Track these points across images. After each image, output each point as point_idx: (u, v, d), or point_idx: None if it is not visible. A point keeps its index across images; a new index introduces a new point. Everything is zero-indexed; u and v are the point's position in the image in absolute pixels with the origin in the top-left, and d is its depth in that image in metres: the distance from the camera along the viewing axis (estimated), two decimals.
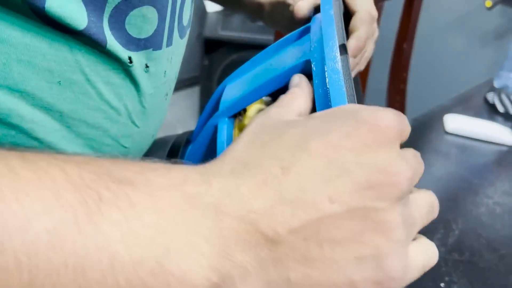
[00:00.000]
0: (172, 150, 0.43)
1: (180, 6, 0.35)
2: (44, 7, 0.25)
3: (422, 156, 0.26)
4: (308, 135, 0.22)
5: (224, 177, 0.21)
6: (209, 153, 0.36)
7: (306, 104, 0.28)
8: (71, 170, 0.19)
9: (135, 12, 0.30)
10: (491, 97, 0.94)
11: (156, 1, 0.31)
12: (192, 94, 2.24)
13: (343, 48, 0.29)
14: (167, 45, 0.35)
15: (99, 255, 0.18)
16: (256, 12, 0.49)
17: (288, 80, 0.32)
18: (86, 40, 0.28)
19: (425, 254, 0.22)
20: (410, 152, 0.24)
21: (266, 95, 0.33)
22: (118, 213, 0.19)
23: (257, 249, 0.20)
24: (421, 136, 0.83)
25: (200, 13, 2.15)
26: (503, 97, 0.91)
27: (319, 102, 0.28)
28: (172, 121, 2.02)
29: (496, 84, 0.96)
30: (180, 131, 0.47)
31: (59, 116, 0.30)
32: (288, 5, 0.45)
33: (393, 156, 0.21)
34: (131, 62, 0.31)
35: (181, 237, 0.19)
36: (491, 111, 0.92)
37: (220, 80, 1.91)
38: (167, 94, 0.39)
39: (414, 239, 0.23)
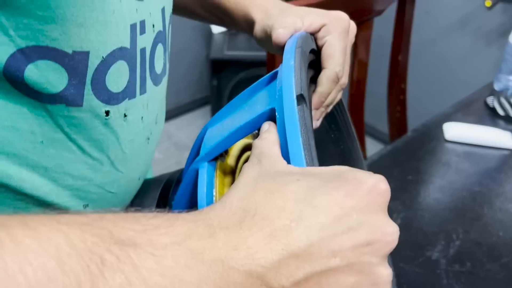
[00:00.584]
0: (164, 189, 0.45)
1: (150, 57, 0.37)
2: (23, 77, 0.28)
3: (423, 166, 0.29)
4: (315, 191, 0.23)
5: (230, 229, 0.22)
6: (194, 197, 0.38)
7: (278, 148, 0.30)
8: (73, 234, 0.19)
9: (111, 69, 0.33)
10: (491, 100, 0.94)
11: (126, 55, 0.34)
12: (205, 114, 2.28)
13: (302, 98, 0.31)
14: (141, 93, 0.37)
15: None
16: (249, 32, 0.51)
17: (259, 125, 0.35)
18: (64, 102, 0.31)
19: None
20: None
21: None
22: (121, 277, 0.19)
23: None
24: (421, 145, 0.84)
25: (206, 35, 2.20)
26: (503, 100, 0.91)
27: (282, 149, 0.30)
28: (187, 141, 2.07)
29: (496, 87, 0.97)
30: None
31: (44, 171, 0.33)
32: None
33: (386, 217, 0.24)
34: (107, 115, 0.34)
35: None
36: (492, 116, 0.93)
37: (230, 98, 1.94)
38: (148, 138, 0.41)
39: None
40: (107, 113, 0.34)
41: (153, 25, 0.36)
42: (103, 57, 0.31)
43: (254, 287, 0.21)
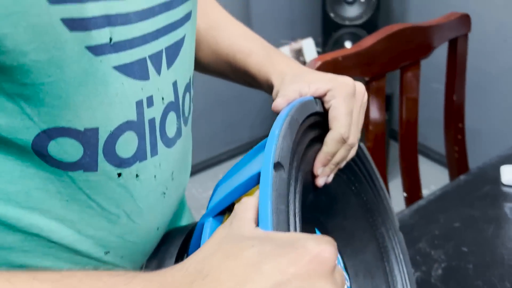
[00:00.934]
0: (187, 238, 0.50)
1: (161, 125, 0.42)
2: (47, 151, 0.35)
3: (473, 213, 0.30)
4: (264, 257, 0.26)
5: None
6: None
7: (256, 212, 0.33)
8: None
9: (120, 139, 0.38)
10: None
11: (133, 126, 0.38)
12: None
13: (280, 165, 0.34)
14: (152, 156, 0.41)
15: None
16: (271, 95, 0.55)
17: (250, 187, 0.38)
18: (81, 169, 0.37)
19: None
20: (339, 275, 0.29)
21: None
22: None
23: None
24: (475, 189, 0.81)
25: None
26: None
27: (259, 213, 0.33)
28: None
29: None
30: None
31: (70, 223, 0.39)
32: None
33: (329, 284, 0.26)
34: (119, 176, 0.39)
35: None
36: None
37: None
38: (164, 193, 0.45)
39: None
40: (119, 175, 0.39)
41: (163, 98, 0.41)
42: (111, 130, 0.36)
43: None
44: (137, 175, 0.41)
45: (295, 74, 0.50)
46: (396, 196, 0.98)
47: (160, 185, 0.44)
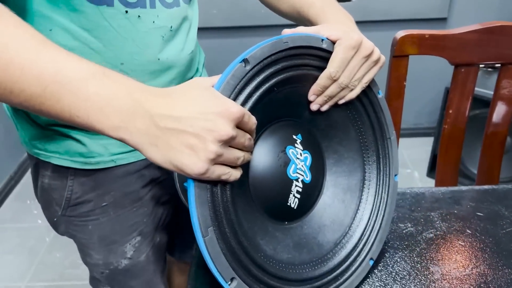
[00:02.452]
0: None
1: None
2: None
3: None
4: (199, 100, 0.46)
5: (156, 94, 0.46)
6: None
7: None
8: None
9: None
10: None
11: None
12: (427, 143, 2.32)
13: (247, 61, 0.51)
14: (150, 7, 0.63)
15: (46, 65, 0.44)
16: None
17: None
18: (105, 4, 0.58)
19: (221, 172, 0.47)
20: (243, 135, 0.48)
21: None
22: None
23: (147, 120, 0.45)
24: None
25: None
26: None
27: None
28: (406, 161, 2.26)
29: None
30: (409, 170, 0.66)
31: (98, 44, 0.62)
32: None
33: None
34: (127, 13, 0.61)
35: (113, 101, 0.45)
36: None
37: None
38: (162, 37, 0.66)
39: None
40: (126, 12, 0.60)
41: None
42: None
43: (144, 115, 0.45)
44: (139, 16, 0.62)
45: (337, 21, 0.64)
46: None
47: (159, 30, 0.65)
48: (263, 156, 0.58)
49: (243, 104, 0.52)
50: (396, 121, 0.93)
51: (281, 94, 0.58)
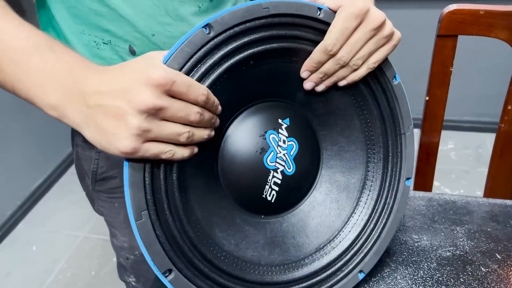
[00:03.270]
0: None
1: None
2: None
3: None
4: (134, 73, 0.39)
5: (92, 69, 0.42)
6: None
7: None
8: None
9: None
10: None
11: None
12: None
13: (210, 27, 0.43)
14: None
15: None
16: None
17: None
18: None
19: (158, 150, 0.40)
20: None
21: None
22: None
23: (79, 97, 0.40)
24: None
25: None
26: None
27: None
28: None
29: None
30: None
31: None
32: None
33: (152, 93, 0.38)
34: None
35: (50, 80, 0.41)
36: None
37: None
38: (200, 6, 0.59)
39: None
40: None
41: None
42: None
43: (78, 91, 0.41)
44: None
45: None
46: None
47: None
48: (237, 138, 0.51)
49: (203, 76, 0.44)
50: (438, 114, 0.79)
51: (262, 69, 0.49)
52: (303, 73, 0.51)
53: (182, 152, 0.43)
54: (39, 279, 1.61)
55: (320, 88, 0.52)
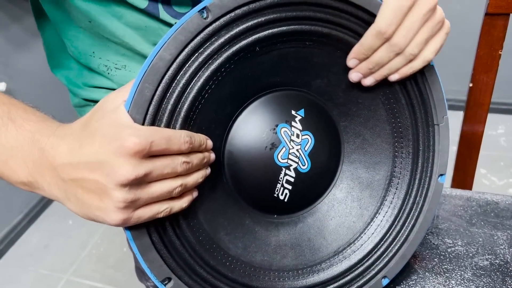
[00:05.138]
0: None
1: None
2: None
3: None
4: (99, 134, 0.35)
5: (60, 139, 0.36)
6: None
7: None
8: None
9: None
10: None
11: None
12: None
13: (203, 11, 0.38)
14: None
15: None
16: None
17: None
18: (147, 14, 0.48)
19: (153, 213, 0.37)
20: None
21: None
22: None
23: (51, 171, 0.36)
24: None
25: None
26: None
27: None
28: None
29: None
30: None
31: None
32: None
33: (131, 164, 0.33)
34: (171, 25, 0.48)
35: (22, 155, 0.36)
36: None
37: None
38: None
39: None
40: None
41: None
42: None
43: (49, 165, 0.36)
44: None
45: None
46: None
47: None
48: (246, 132, 0.46)
49: (201, 67, 0.39)
50: (483, 102, 0.70)
51: (271, 56, 0.44)
52: (350, 62, 0.46)
53: (180, 204, 0.39)
54: (75, 252, 1.65)
55: (368, 81, 0.46)
